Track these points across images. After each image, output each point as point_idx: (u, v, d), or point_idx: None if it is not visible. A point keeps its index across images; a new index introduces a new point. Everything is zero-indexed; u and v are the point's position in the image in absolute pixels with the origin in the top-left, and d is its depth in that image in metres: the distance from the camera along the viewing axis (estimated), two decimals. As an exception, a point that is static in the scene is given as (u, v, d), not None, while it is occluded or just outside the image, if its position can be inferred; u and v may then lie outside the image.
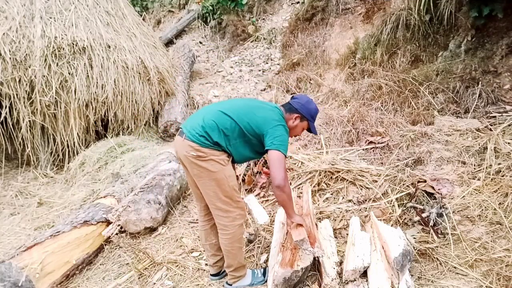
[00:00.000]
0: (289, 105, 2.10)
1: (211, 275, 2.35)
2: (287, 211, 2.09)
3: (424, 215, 2.55)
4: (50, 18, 4.43)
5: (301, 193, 3.03)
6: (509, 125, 3.24)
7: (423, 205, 2.66)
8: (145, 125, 5.14)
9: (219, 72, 7.28)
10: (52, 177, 4.32)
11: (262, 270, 2.32)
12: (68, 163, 4.36)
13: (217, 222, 2.07)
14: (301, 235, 1.99)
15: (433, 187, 2.78)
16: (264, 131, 1.91)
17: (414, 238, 2.44)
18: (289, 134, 2.04)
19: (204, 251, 2.50)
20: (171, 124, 5.06)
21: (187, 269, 2.46)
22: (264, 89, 6.34)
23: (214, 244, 2.24)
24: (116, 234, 2.77)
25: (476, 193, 2.68)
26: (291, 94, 5.76)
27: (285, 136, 1.94)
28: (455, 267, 2.16)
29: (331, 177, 3.21)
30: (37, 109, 4.21)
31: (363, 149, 3.69)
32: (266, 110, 2.00)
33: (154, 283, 2.37)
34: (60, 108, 4.29)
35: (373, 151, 3.63)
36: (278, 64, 7.05)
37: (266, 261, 2.44)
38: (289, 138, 2.05)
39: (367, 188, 3.06)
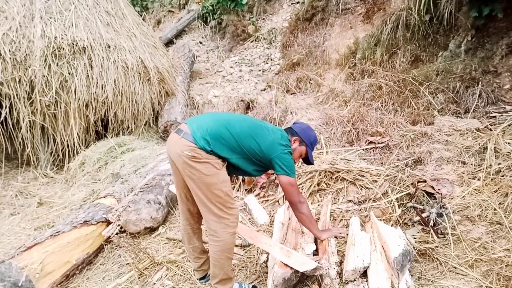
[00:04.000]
0: (290, 129, 2.19)
1: (198, 279, 2.33)
2: (312, 231, 2.20)
3: (424, 215, 2.55)
4: (50, 18, 4.43)
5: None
6: (509, 125, 3.24)
7: (423, 205, 2.66)
8: (145, 125, 5.14)
9: (219, 72, 7.27)
10: (52, 177, 4.32)
11: (251, 286, 2.22)
12: (68, 163, 4.36)
13: (208, 228, 1.97)
14: (305, 264, 1.98)
15: (433, 187, 2.77)
16: (271, 156, 1.95)
17: (414, 238, 2.44)
18: None
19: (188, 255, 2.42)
20: (171, 124, 5.05)
21: (187, 269, 2.46)
22: (264, 89, 6.34)
23: (197, 247, 2.22)
24: (116, 234, 2.77)
25: (476, 193, 2.68)
26: (291, 94, 5.76)
27: (292, 161, 2.02)
28: (455, 267, 2.16)
29: (331, 177, 3.21)
30: (37, 109, 4.21)
31: (363, 149, 3.69)
32: (275, 134, 2.03)
33: (154, 283, 2.37)
34: (60, 108, 4.29)
35: (373, 151, 3.63)
36: (278, 64, 7.04)
37: (266, 261, 2.44)
38: None
39: (367, 188, 3.06)
